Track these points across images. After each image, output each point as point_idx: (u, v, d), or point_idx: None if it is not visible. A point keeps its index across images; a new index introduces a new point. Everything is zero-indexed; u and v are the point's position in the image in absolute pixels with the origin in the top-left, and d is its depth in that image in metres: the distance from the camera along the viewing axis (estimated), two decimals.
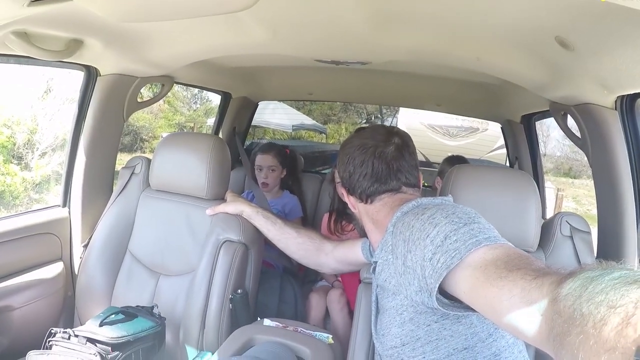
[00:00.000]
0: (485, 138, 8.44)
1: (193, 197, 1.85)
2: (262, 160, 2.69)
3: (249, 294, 1.76)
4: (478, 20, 1.36)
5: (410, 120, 8.54)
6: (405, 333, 1.03)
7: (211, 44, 1.82)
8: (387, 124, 7.47)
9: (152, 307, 1.63)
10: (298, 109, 12.88)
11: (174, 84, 2.43)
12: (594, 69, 1.31)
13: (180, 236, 1.85)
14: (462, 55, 1.66)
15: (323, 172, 4.25)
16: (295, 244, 1.70)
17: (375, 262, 1.20)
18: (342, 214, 2.68)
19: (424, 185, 4.58)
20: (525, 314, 0.66)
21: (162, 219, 1.89)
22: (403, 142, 1.24)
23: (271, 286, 2.20)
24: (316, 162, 6.83)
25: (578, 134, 1.73)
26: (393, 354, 1.08)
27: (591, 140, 1.61)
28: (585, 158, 1.69)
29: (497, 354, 0.99)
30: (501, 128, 3.32)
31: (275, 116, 10.52)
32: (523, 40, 1.40)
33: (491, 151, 8.35)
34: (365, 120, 16.41)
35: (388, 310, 1.10)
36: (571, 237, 1.50)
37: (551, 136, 12.01)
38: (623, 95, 1.44)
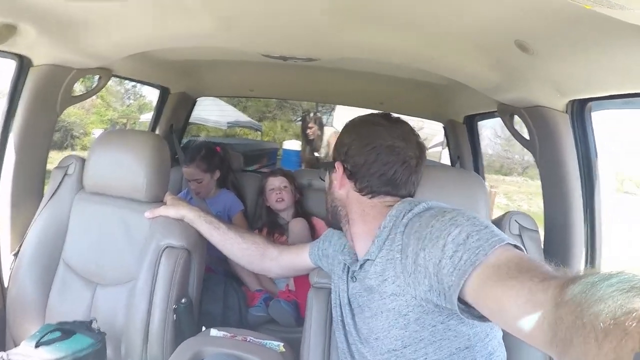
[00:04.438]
0: (421, 135, 8.65)
1: (130, 199, 1.71)
2: (187, 173, 2.60)
3: (193, 302, 1.66)
4: (438, 21, 1.35)
5: (346, 118, 8.61)
6: (408, 334, 1.01)
7: (154, 34, 1.70)
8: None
9: (91, 322, 1.48)
10: (234, 105, 12.62)
11: (111, 77, 2.26)
12: (550, 73, 1.33)
13: (117, 242, 1.70)
14: (417, 54, 1.65)
15: (261, 171, 4.17)
16: (240, 249, 1.64)
17: (365, 261, 1.15)
18: (274, 227, 2.65)
19: None
20: (530, 316, 0.67)
21: (97, 223, 1.73)
22: (423, 155, 1.24)
23: (214, 293, 2.12)
24: (254, 160, 6.72)
25: (525, 135, 1.77)
26: (390, 357, 1.05)
27: (540, 141, 1.65)
28: (516, 156, 1.74)
29: (491, 352, 1.03)
30: (443, 127, 3.36)
31: (210, 113, 10.23)
32: (482, 42, 1.39)
33: (427, 149, 8.56)
34: (300, 118, 16.38)
35: (386, 312, 1.05)
36: (520, 236, 1.53)
37: (483, 135, 12.48)
38: (574, 100, 1.49)
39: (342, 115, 8.86)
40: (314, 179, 3.01)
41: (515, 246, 0.86)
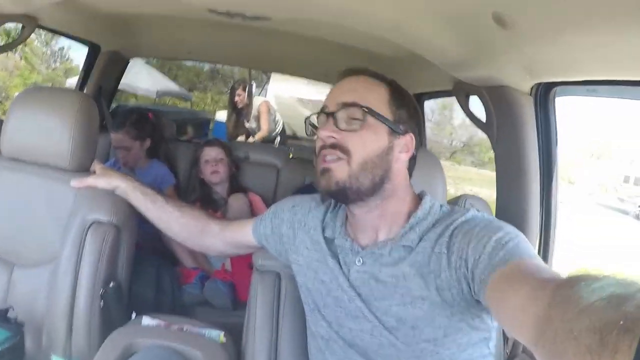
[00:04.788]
0: None
1: (54, 168, 1.50)
2: (115, 139, 2.39)
3: (123, 286, 1.50)
4: None
5: (280, 92, 8.42)
6: (451, 324, 1.02)
7: None
8: (256, 94, 7.32)
9: (7, 310, 1.28)
10: (164, 73, 11.90)
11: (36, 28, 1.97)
12: (525, 51, 1.24)
13: (38, 216, 1.50)
14: (383, 19, 1.52)
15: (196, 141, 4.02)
16: (179, 224, 1.47)
17: (395, 245, 1.09)
18: (208, 202, 2.51)
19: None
20: (524, 311, 0.71)
21: (15, 194, 1.52)
22: None
23: (146, 274, 1.96)
24: (186, 130, 6.44)
25: (481, 117, 1.71)
26: (427, 346, 1.04)
27: (499, 123, 1.58)
28: (445, 140, 1.70)
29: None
30: None
31: (139, 80, 9.52)
32: (454, 12, 1.28)
33: None
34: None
35: (428, 301, 1.03)
36: None
37: None
38: (540, 83, 1.43)
39: (276, 88, 8.62)
40: (251, 151, 2.88)
41: None
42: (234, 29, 2.15)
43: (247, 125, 4.84)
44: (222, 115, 6.58)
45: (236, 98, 4.72)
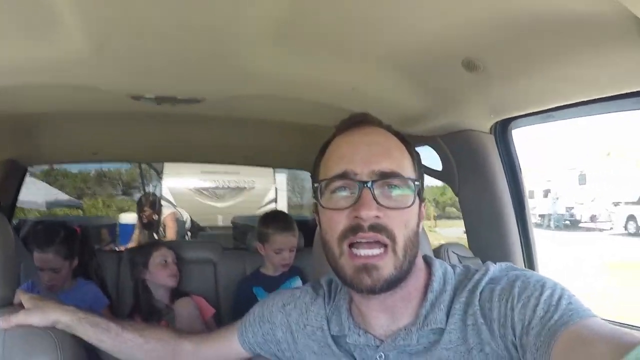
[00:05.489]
0: (253, 196, 8.68)
1: None
2: (42, 260, 2.01)
3: None
4: (373, 40, 1.21)
5: (176, 185, 8.20)
6: None
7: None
8: (150, 191, 7.02)
9: None
10: (50, 184, 11.18)
11: None
12: (491, 92, 1.31)
13: None
14: (338, 86, 1.48)
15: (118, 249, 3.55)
16: (144, 352, 1.20)
17: (424, 330, 0.90)
18: (151, 311, 2.17)
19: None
20: None
21: None
22: None
23: None
24: (97, 239, 5.92)
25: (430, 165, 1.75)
26: None
27: (461, 167, 1.62)
28: None
29: None
30: (312, 176, 3.26)
31: (25, 193, 8.73)
32: (422, 63, 1.29)
33: (260, 207, 8.65)
34: (122, 192, 15.50)
35: None
36: None
37: (306, 187, 13.18)
38: (498, 120, 1.51)
39: (170, 183, 8.39)
40: (181, 250, 2.55)
41: None
42: (150, 121, 2.01)
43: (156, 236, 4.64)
44: (126, 218, 6.14)
45: (142, 214, 4.52)
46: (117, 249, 3.22)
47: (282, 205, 9.19)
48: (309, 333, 1.06)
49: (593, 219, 15.19)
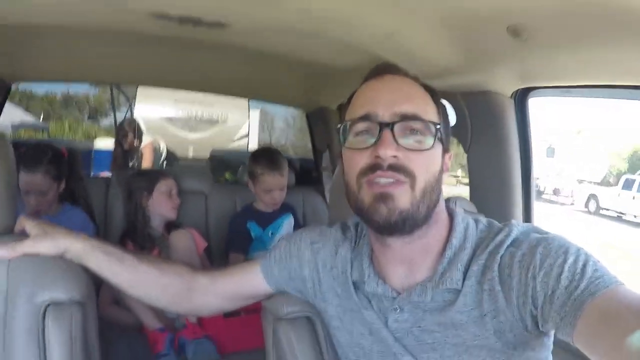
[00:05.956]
0: (225, 130, 8.58)
1: None
2: (28, 182, 1.91)
3: None
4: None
5: (147, 114, 7.94)
6: None
7: None
8: (119, 116, 6.80)
9: None
10: (14, 104, 10.59)
11: None
12: (528, 60, 1.32)
13: None
14: (373, 29, 1.45)
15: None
16: (160, 287, 1.14)
17: (438, 288, 0.92)
18: (142, 238, 2.16)
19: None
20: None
21: None
22: None
23: (120, 353, 1.65)
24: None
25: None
26: None
27: (475, 127, 1.66)
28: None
29: None
30: (307, 115, 3.23)
31: None
32: (465, 23, 1.28)
33: (233, 141, 8.60)
34: (88, 116, 15.01)
35: (486, 349, 0.89)
36: None
37: (275, 127, 13.16)
38: (520, 88, 1.55)
39: (142, 110, 8.11)
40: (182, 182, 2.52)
41: None
42: (152, 43, 1.90)
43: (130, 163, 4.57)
44: (102, 143, 5.97)
45: (124, 140, 4.49)
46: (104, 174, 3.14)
47: (253, 142, 9.09)
48: (335, 275, 1.07)
49: (556, 192, 15.60)
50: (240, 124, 8.58)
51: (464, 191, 1.81)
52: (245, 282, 1.17)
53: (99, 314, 1.77)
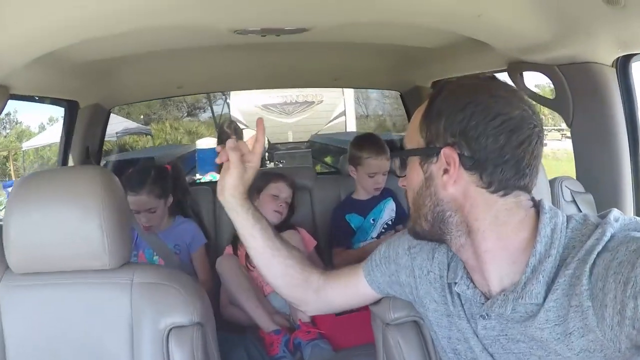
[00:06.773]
0: (321, 110, 8.61)
1: (88, 272, 1.16)
2: (136, 202, 1.99)
3: None
4: None
5: (244, 105, 8.12)
6: None
7: (81, 16, 1.23)
8: (216, 112, 7.03)
9: None
10: (115, 113, 11.53)
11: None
12: (627, 27, 1.24)
13: (87, 338, 1.15)
14: (465, 8, 1.38)
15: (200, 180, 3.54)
16: (283, 266, 1.16)
17: (518, 302, 0.84)
18: None
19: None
20: None
21: (48, 317, 1.16)
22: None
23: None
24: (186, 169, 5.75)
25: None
26: None
27: (577, 99, 1.57)
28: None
29: None
30: (401, 95, 3.19)
31: None
32: None
33: (329, 122, 8.59)
34: (186, 114, 15.69)
35: None
36: (574, 202, 1.48)
37: (371, 97, 12.92)
38: (621, 55, 1.45)
39: (239, 102, 8.38)
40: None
41: None
42: (239, 50, 1.96)
43: None
44: (204, 143, 6.23)
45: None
46: (196, 178, 3.21)
47: (351, 118, 9.02)
48: (431, 280, 1.03)
49: None
50: (337, 102, 8.59)
51: (569, 145, 1.70)
52: (352, 287, 1.18)
53: (220, 311, 1.96)
